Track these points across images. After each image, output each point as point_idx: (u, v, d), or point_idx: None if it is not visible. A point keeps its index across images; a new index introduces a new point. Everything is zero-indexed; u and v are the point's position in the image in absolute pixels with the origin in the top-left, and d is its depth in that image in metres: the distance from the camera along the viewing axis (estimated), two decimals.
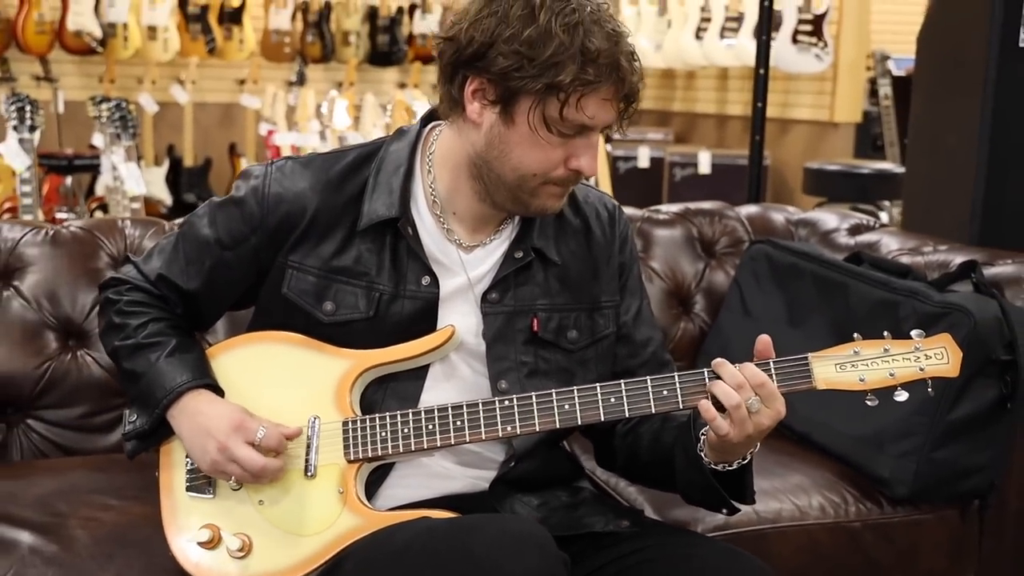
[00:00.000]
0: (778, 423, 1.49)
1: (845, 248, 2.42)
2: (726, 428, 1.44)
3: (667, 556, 1.52)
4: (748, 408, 1.43)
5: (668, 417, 1.62)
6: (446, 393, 1.59)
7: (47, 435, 2.01)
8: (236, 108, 6.87)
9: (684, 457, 1.56)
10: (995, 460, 1.95)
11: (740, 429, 1.44)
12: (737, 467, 1.53)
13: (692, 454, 1.54)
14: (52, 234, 2.11)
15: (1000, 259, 2.17)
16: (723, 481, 1.55)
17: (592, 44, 1.44)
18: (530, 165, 1.50)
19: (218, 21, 6.62)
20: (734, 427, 1.44)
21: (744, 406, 1.42)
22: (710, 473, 1.53)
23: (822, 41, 5.84)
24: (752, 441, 1.49)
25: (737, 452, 1.52)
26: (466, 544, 1.36)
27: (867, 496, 1.96)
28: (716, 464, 1.53)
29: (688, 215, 2.55)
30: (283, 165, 1.62)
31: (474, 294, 1.61)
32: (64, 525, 1.68)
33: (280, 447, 1.52)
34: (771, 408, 1.45)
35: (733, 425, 1.44)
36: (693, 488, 1.59)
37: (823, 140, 6.18)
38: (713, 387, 1.45)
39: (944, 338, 1.48)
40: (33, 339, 2.02)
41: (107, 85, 6.54)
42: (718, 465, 1.53)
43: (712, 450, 1.52)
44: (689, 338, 2.41)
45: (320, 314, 1.59)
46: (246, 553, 1.53)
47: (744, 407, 1.42)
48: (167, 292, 1.65)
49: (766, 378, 1.45)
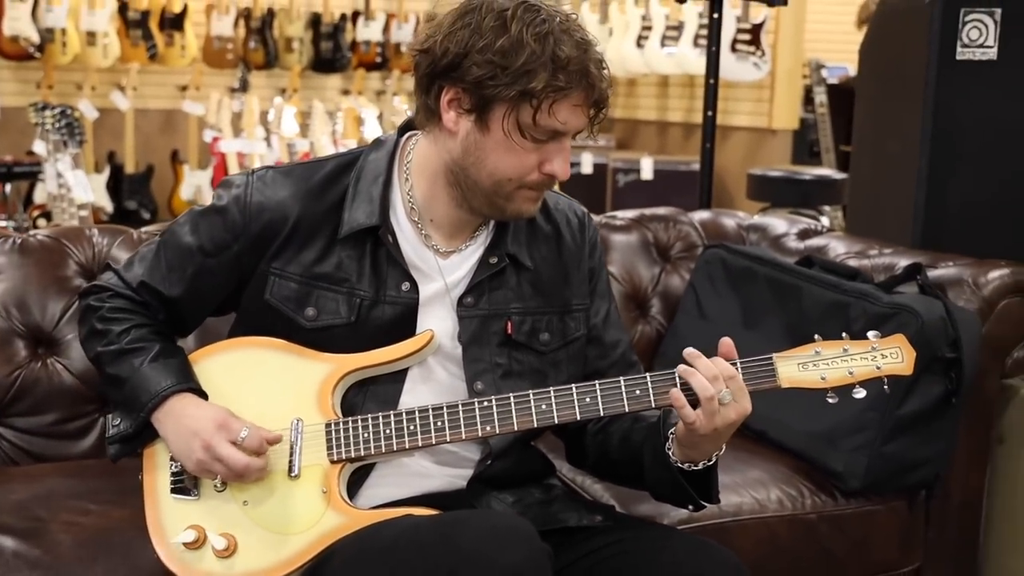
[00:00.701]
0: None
1: (795, 252, 2.51)
2: (693, 416, 1.49)
3: (640, 548, 1.59)
4: (720, 400, 1.49)
5: (638, 417, 1.68)
6: (424, 395, 1.64)
7: (18, 442, 2.02)
8: (178, 115, 6.83)
9: (653, 455, 1.62)
10: (940, 453, 2.05)
11: (709, 420, 1.50)
12: (703, 467, 1.60)
13: (660, 452, 1.60)
14: (20, 243, 2.12)
15: (942, 261, 2.27)
16: (689, 480, 1.61)
17: (562, 52, 1.50)
18: (505, 170, 1.56)
19: (159, 27, 6.57)
20: (703, 417, 1.50)
21: (716, 398, 1.49)
22: (677, 471, 1.60)
23: (760, 50, 5.98)
24: (718, 437, 1.55)
25: (703, 451, 1.58)
26: (453, 538, 1.41)
27: (822, 489, 2.05)
28: (683, 463, 1.60)
29: (643, 221, 2.62)
30: (264, 174, 1.66)
31: (450, 298, 1.66)
32: (46, 530, 1.70)
33: (261, 449, 1.56)
34: (739, 403, 1.52)
35: (703, 416, 1.50)
36: (661, 484, 1.65)
37: (762, 146, 6.32)
38: (689, 378, 1.51)
39: (899, 338, 1.57)
40: (3, 347, 2.03)
41: (45, 91, 6.46)
42: (685, 464, 1.60)
43: (680, 447, 1.58)
44: (647, 340, 2.48)
45: (302, 320, 1.63)
46: (231, 552, 1.57)
47: (716, 399, 1.49)
48: (149, 299, 1.68)
49: (736, 371, 1.52)
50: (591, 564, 1.59)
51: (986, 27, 2.44)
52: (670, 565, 1.55)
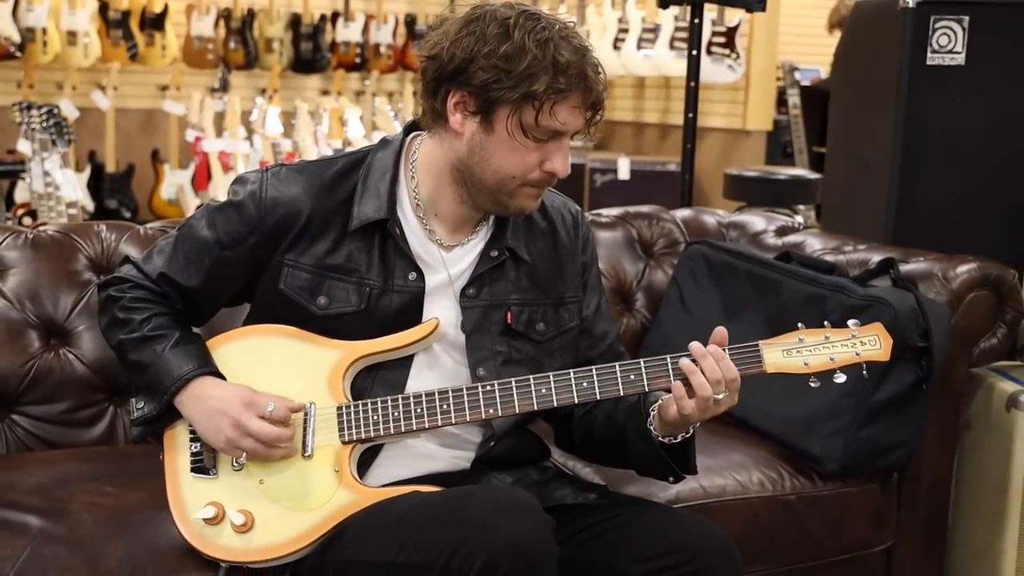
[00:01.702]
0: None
1: (773, 248, 2.62)
2: (691, 408, 1.61)
3: (634, 523, 1.69)
4: (715, 399, 1.61)
5: (620, 399, 1.78)
6: (430, 380, 1.73)
7: (32, 429, 2.10)
8: (159, 114, 6.87)
9: (635, 430, 1.73)
10: (912, 437, 2.17)
11: (701, 414, 1.63)
12: (681, 440, 1.71)
13: (642, 428, 1.72)
14: (32, 238, 2.20)
15: (913, 256, 2.38)
16: (669, 452, 1.72)
17: (562, 57, 1.60)
18: (509, 168, 1.66)
19: (140, 27, 6.62)
20: (696, 411, 1.62)
21: (713, 397, 1.60)
22: (658, 444, 1.71)
23: (735, 52, 6.10)
24: (702, 419, 1.67)
25: (684, 427, 1.70)
26: (462, 510, 1.51)
27: (800, 472, 2.16)
28: (663, 437, 1.70)
29: (628, 218, 2.72)
30: (278, 171, 1.76)
31: (453, 290, 1.76)
32: (67, 510, 1.77)
33: (288, 419, 1.66)
34: (731, 398, 1.63)
35: (696, 409, 1.62)
36: (642, 458, 1.76)
37: (736, 147, 6.45)
38: (692, 376, 1.61)
39: (876, 327, 1.68)
40: (17, 338, 2.11)
41: (26, 90, 6.49)
42: (665, 438, 1.71)
43: (663, 424, 1.69)
44: (631, 333, 2.58)
45: (314, 308, 1.72)
46: (249, 528, 1.66)
47: (712, 398, 1.60)
48: (168, 289, 1.77)
49: (738, 374, 1.62)
50: (587, 539, 1.69)
51: (955, 34, 2.56)
52: (663, 538, 1.65)
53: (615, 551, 1.65)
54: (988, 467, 2.34)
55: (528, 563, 1.45)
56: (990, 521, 2.33)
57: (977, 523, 2.38)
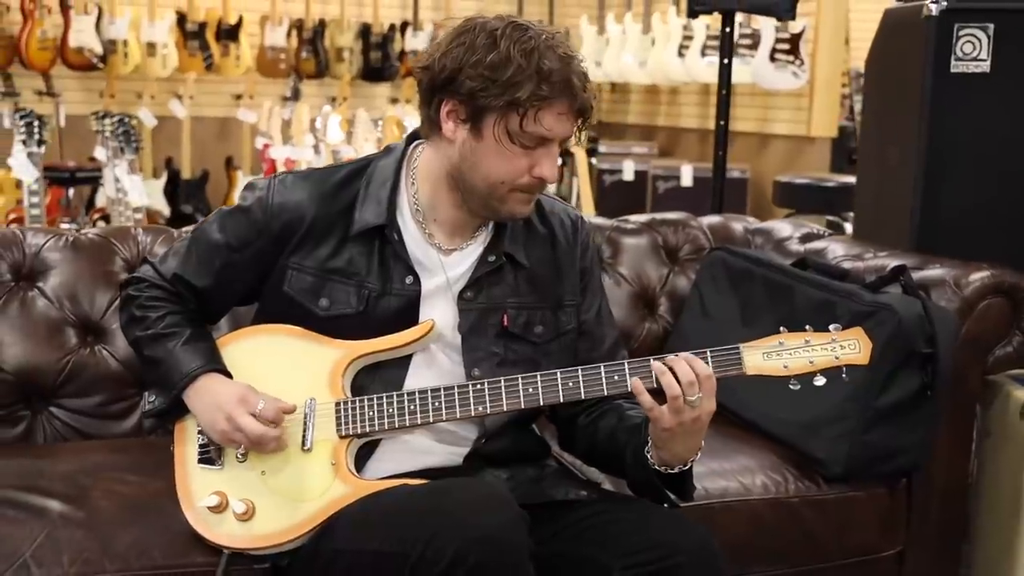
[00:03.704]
0: (727, 413, 1.65)
1: (795, 255, 2.64)
2: (651, 403, 1.65)
3: (620, 519, 1.74)
4: (689, 401, 1.63)
5: (623, 417, 1.83)
6: (427, 380, 1.80)
7: (68, 421, 2.23)
8: (232, 122, 7.08)
9: (633, 455, 1.78)
10: (919, 443, 2.17)
11: (674, 416, 1.65)
12: (679, 471, 1.75)
13: (640, 454, 1.76)
14: (72, 240, 2.33)
15: (931, 263, 2.39)
16: (666, 481, 1.76)
17: (546, 65, 1.67)
18: (498, 174, 1.72)
19: (215, 38, 6.83)
20: (668, 414, 1.64)
21: (683, 398, 1.63)
22: (654, 473, 1.75)
23: (799, 59, 6.07)
24: (687, 436, 1.69)
25: (676, 453, 1.72)
26: (440, 504, 1.58)
27: (805, 475, 2.18)
28: (660, 466, 1.74)
29: (654, 225, 2.77)
30: (284, 178, 1.85)
31: (452, 292, 1.83)
32: (88, 496, 1.89)
33: (277, 419, 1.74)
34: (709, 402, 1.66)
35: (668, 412, 1.64)
36: (638, 482, 1.81)
37: (800, 154, 6.41)
38: (661, 376, 1.65)
39: (856, 331, 1.71)
40: (55, 335, 2.24)
41: (107, 100, 6.74)
42: (662, 467, 1.75)
43: (655, 448, 1.73)
44: (653, 337, 2.63)
45: (316, 309, 1.81)
46: (250, 516, 1.75)
47: (682, 398, 1.63)
48: (182, 289, 1.87)
49: (711, 371, 1.65)
50: (575, 533, 1.74)
51: (979, 41, 2.56)
52: (643, 535, 1.69)
53: (599, 546, 1.70)
54: (1005, 475, 2.34)
55: (497, 553, 1.51)
56: (1006, 529, 2.32)
57: (994, 531, 2.37)
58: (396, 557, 1.56)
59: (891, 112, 2.77)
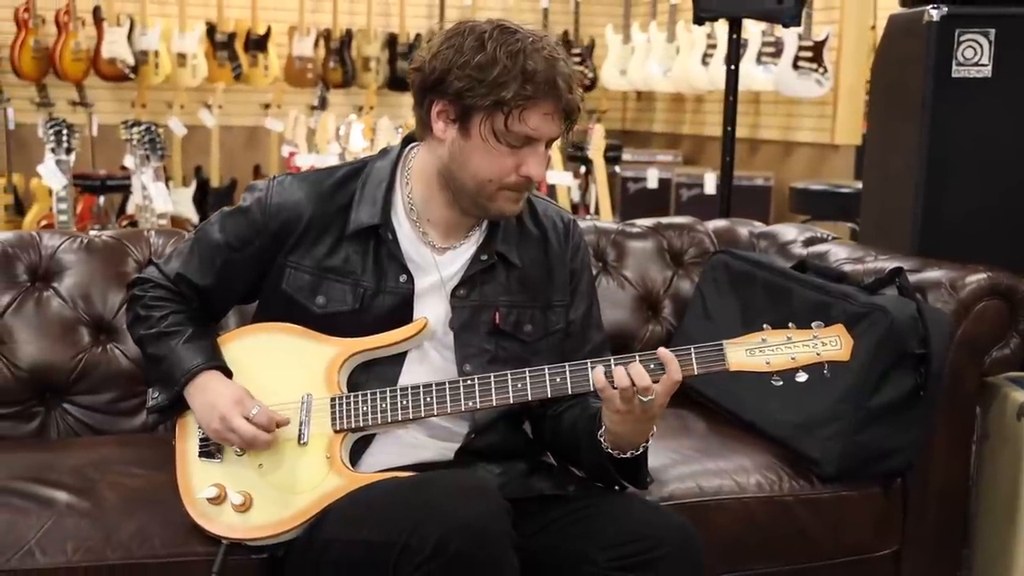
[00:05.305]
0: (723, 413, 1.65)
1: (798, 258, 2.66)
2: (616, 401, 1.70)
3: (604, 512, 1.78)
4: (640, 399, 1.69)
5: (586, 407, 1.87)
6: (420, 376, 1.85)
7: (80, 417, 2.30)
8: (261, 131, 7.20)
9: (589, 441, 1.82)
10: (912, 443, 2.19)
11: (626, 404, 1.70)
12: (631, 456, 1.79)
13: (594, 439, 1.80)
14: (86, 242, 2.40)
15: (930, 266, 2.41)
16: (620, 465, 1.81)
17: (530, 66, 1.72)
18: (486, 172, 1.77)
19: (244, 48, 6.95)
20: (621, 401, 1.70)
21: (639, 397, 1.69)
22: (606, 457, 1.79)
23: (822, 67, 6.08)
24: (642, 423, 1.74)
25: (629, 440, 1.77)
26: (425, 494, 1.63)
27: (799, 475, 2.20)
28: (613, 451, 1.79)
29: (659, 229, 2.81)
30: (283, 180, 1.91)
31: (445, 290, 1.88)
32: (95, 488, 1.95)
33: (269, 426, 1.80)
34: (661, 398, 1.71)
35: (621, 400, 1.70)
36: (592, 466, 1.86)
37: (825, 162, 6.41)
38: (615, 373, 1.71)
39: (838, 328, 1.74)
40: (69, 334, 2.31)
41: (139, 109, 6.88)
42: (615, 452, 1.79)
43: (609, 433, 1.77)
44: (657, 339, 2.66)
45: (313, 307, 1.86)
46: (247, 508, 1.80)
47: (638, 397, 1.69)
48: (184, 289, 1.93)
49: (650, 382, 1.69)
50: (560, 527, 1.79)
51: (981, 46, 2.58)
52: (626, 527, 1.74)
53: (583, 539, 1.74)
54: (1002, 476, 2.35)
55: (478, 541, 1.56)
56: (1003, 530, 2.34)
57: (992, 532, 2.38)
58: (383, 546, 1.60)
59: (894, 118, 2.79)
